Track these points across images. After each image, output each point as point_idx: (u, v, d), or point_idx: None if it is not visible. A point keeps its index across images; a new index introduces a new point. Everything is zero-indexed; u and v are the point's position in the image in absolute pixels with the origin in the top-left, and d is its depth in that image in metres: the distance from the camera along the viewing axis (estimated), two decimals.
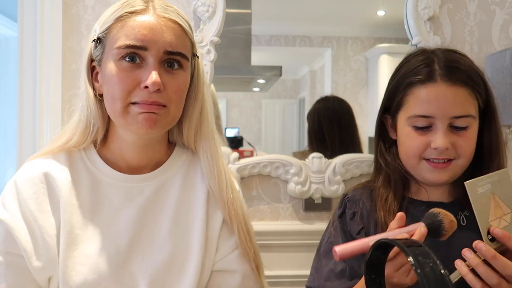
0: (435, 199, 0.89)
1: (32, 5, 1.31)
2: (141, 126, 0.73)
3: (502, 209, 0.67)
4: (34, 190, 0.76)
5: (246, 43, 1.47)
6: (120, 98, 0.73)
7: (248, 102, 1.62)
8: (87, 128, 0.79)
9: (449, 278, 0.48)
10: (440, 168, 0.83)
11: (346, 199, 0.95)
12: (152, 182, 0.81)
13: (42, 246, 0.74)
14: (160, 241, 0.79)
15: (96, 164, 0.81)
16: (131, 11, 0.74)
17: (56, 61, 1.30)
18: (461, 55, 0.88)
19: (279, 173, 1.37)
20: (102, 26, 0.76)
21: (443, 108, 0.81)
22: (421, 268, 0.49)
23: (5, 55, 2.69)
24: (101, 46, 0.76)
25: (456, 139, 0.82)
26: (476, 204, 0.65)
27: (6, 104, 2.65)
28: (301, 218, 1.39)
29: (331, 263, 0.90)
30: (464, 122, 0.82)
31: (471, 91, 0.82)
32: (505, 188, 0.68)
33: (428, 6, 1.36)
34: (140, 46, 0.72)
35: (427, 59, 0.86)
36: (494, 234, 0.65)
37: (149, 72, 0.72)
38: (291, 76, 1.63)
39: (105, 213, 0.78)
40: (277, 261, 1.34)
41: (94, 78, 0.79)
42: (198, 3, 1.31)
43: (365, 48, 1.55)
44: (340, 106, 1.51)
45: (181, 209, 0.82)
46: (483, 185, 0.67)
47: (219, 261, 0.83)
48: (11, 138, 2.44)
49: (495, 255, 0.62)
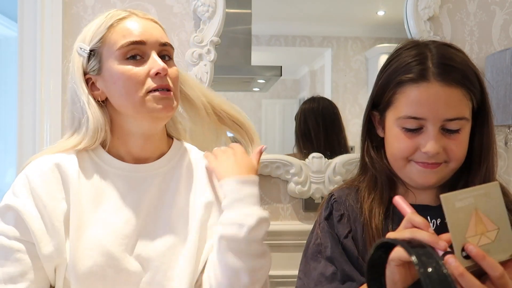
0: (422, 202, 0.85)
1: (32, 5, 1.31)
2: (161, 109, 0.82)
3: (485, 226, 0.61)
4: (43, 179, 0.80)
5: (246, 43, 1.47)
6: (137, 90, 0.81)
7: (248, 102, 1.62)
8: (94, 135, 0.84)
9: (451, 278, 0.48)
10: (430, 169, 0.78)
11: (332, 199, 0.89)
12: (156, 172, 0.88)
13: (51, 232, 0.77)
14: (163, 227, 0.85)
15: (102, 158, 0.87)
16: (120, 18, 0.84)
17: (56, 61, 1.30)
18: (456, 50, 0.82)
19: (279, 173, 1.38)
20: (93, 39, 0.84)
21: (436, 110, 0.75)
22: (424, 268, 0.49)
23: (5, 55, 2.69)
24: (97, 56, 0.84)
25: (448, 142, 0.77)
26: (451, 219, 0.59)
27: (6, 104, 2.65)
28: (301, 218, 1.39)
29: (320, 266, 0.85)
30: (457, 125, 0.76)
31: (466, 92, 0.77)
32: (492, 202, 0.62)
33: (428, 6, 1.36)
34: (139, 41, 0.82)
35: (419, 55, 0.80)
36: (468, 251, 0.59)
37: (153, 61, 0.82)
38: (291, 76, 1.63)
39: (111, 201, 0.84)
40: (277, 261, 1.33)
41: (93, 89, 0.86)
42: (198, 3, 1.31)
43: (365, 48, 1.55)
44: (325, 106, 1.51)
45: (182, 196, 0.88)
46: (464, 199, 0.61)
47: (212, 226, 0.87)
48: (11, 138, 2.44)
49: (462, 273, 0.57)
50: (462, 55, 0.81)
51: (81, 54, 0.86)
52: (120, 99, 0.84)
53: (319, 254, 0.86)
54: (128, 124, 0.86)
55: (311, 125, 1.50)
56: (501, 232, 0.61)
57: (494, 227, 0.61)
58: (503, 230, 0.62)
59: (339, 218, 0.87)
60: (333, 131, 1.50)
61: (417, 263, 0.51)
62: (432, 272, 0.49)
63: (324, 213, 0.89)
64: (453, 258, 0.58)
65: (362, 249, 0.83)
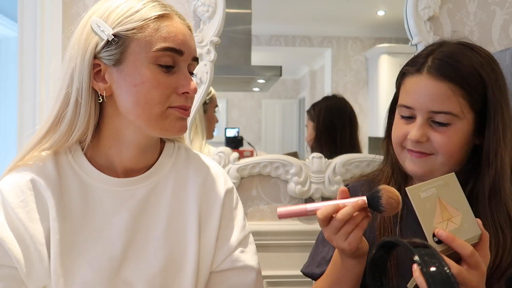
0: None
1: (32, 5, 1.31)
2: (177, 131, 0.76)
3: (450, 213, 0.68)
4: (21, 198, 0.73)
5: (246, 43, 1.47)
6: (160, 102, 0.72)
7: (248, 102, 1.62)
8: (70, 130, 0.74)
9: (454, 278, 0.48)
10: (415, 157, 0.82)
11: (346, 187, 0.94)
12: (144, 184, 0.79)
13: (35, 256, 0.71)
14: (155, 244, 0.77)
15: (84, 169, 0.77)
16: (161, 15, 0.73)
17: (56, 62, 1.30)
18: (473, 53, 0.83)
19: (279, 173, 1.38)
20: (121, 24, 0.71)
21: (422, 101, 0.80)
22: (427, 267, 0.49)
23: (5, 55, 2.69)
24: (121, 46, 0.71)
25: (433, 134, 0.80)
26: (419, 209, 0.66)
27: (6, 104, 2.64)
28: (301, 218, 1.39)
29: (325, 251, 0.92)
30: (444, 119, 0.79)
31: (456, 89, 0.78)
32: (451, 192, 0.69)
33: (428, 6, 1.36)
34: (179, 50, 0.73)
35: (429, 51, 0.84)
36: (439, 236, 0.65)
37: (184, 77, 0.75)
38: (291, 76, 1.63)
39: (96, 220, 0.75)
40: (277, 261, 1.34)
41: (96, 78, 0.73)
42: (198, 3, 1.31)
43: (365, 48, 1.55)
44: (346, 105, 1.52)
45: (175, 209, 0.80)
46: (427, 190, 0.67)
47: (224, 260, 0.82)
48: (11, 138, 2.44)
49: None
50: (477, 57, 0.82)
51: (98, 33, 0.72)
52: (134, 105, 0.73)
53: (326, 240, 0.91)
54: (127, 131, 0.76)
55: (337, 124, 1.50)
56: (464, 217, 0.68)
57: (458, 213, 0.68)
58: (465, 215, 0.69)
59: None
60: (356, 130, 1.50)
61: (419, 262, 0.51)
62: (435, 271, 0.49)
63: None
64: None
65: (372, 238, 0.86)
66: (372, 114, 1.55)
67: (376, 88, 1.56)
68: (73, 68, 0.72)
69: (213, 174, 0.86)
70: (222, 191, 0.84)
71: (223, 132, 1.56)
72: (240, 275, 0.82)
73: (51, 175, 0.75)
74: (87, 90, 0.72)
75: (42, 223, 0.73)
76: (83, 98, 0.72)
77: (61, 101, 0.74)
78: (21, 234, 0.71)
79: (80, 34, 0.74)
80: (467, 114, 0.80)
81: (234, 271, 0.82)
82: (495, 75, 0.82)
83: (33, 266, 0.71)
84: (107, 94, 0.74)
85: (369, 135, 1.55)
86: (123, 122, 0.76)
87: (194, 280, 0.77)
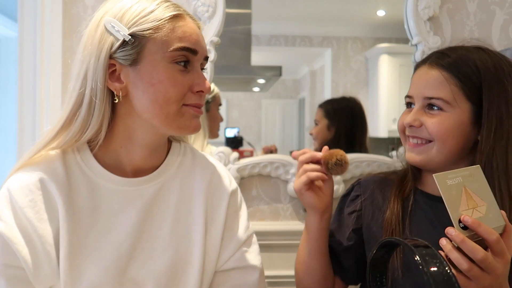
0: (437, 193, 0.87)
1: (32, 5, 1.31)
2: (193, 129, 0.77)
3: (475, 201, 0.70)
4: (30, 198, 0.72)
5: (246, 43, 1.47)
6: (176, 101, 0.74)
7: (248, 102, 1.62)
8: (82, 130, 0.74)
9: (455, 278, 0.48)
10: (412, 147, 0.87)
11: (357, 182, 1.01)
12: (151, 184, 0.80)
13: (43, 256, 0.71)
14: (161, 244, 0.78)
15: (92, 168, 0.78)
16: (175, 15, 0.74)
17: (56, 61, 1.30)
18: (472, 49, 0.86)
19: (279, 173, 1.38)
20: (136, 25, 0.72)
21: (418, 88, 0.86)
22: (428, 267, 0.49)
23: (5, 55, 2.69)
24: (137, 46, 0.72)
25: (426, 119, 0.84)
26: (446, 195, 0.68)
27: (6, 104, 2.64)
28: (301, 218, 1.39)
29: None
30: (436, 104, 0.84)
31: (449, 76, 0.83)
32: (477, 182, 0.71)
33: (428, 6, 1.36)
34: (193, 50, 0.75)
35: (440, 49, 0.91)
36: (465, 221, 0.66)
37: (198, 76, 0.77)
38: (291, 76, 1.63)
39: (104, 219, 0.76)
40: (277, 261, 1.34)
41: (111, 78, 0.73)
42: (198, 3, 1.31)
43: (365, 48, 1.55)
44: (362, 107, 1.54)
45: (181, 209, 0.81)
46: (453, 178, 0.70)
47: (228, 259, 0.83)
48: (11, 138, 2.44)
49: (464, 239, 0.65)
50: (482, 54, 0.85)
51: (113, 33, 0.71)
52: (152, 103, 0.73)
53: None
54: (139, 131, 0.77)
55: (356, 124, 1.51)
56: (489, 207, 0.70)
57: (483, 203, 0.70)
58: (490, 205, 0.71)
59: (354, 198, 0.98)
60: (366, 132, 1.52)
61: (420, 262, 0.51)
62: (435, 271, 0.49)
63: (345, 192, 1.03)
64: (452, 229, 0.66)
65: (376, 231, 0.91)
66: (372, 114, 1.55)
67: (376, 88, 1.56)
68: (87, 69, 0.72)
69: (219, 175, 0.87)
70: (227, 192, 0.85)
71: (223, 132, 1.56)
72: (243, 274, 0.83)
73: (60, 174, 0.75)
74: (102, 90, 0.72)
75: (51, 223, 0.73)
76: (98, 98, 0.72)
77: (73, 101, 0.74)
78: (29, 234, 0.71)
79: (93, 34, 0.73)
80: (461, 103, 0.83)
81: (237, 271, 0.83)
82: (498, 72, 0.83)
83: (41, 267, 0.71)
84: (123, 94, 0.74)
85: (369, 135, 1.55)
86: (135, 122, 0.76)
87: (199, 279, 0.77)
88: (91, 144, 0.79)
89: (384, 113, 1.56)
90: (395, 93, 1.56)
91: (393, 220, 0.88)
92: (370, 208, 0.93)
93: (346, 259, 0.96)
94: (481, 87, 0.82)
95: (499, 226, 0.70)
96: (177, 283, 0.77)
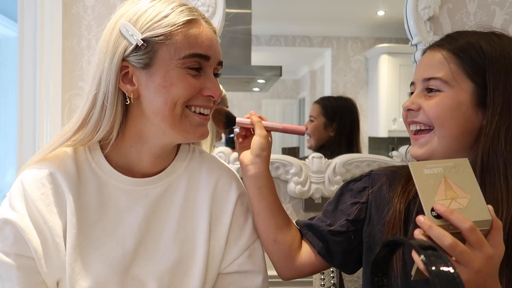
0: None
1: (32, 5, 1.31)
2: (199, 136, 0.78)
3: (455, 192, 0.67)
4: (42, 191, 0.75)
5: (246, 43, 1.47)
6: (182, 103, 0.75)
7: (248, 102, 1.63)
8: (94, 130, 0.76)
9: (460, 279, 0.48)
10: (414, 140, 0.83)
11: (368, 173, 0.95)
12: (158, 185, 0.81)
13: (52, 248, 0.73)
14: (165, 243, 0.79)
15: (102, 167, 0.79)
16: (189, 20, 0.74)
17: (56, 61, 1.30)
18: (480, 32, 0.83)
19: (279, 173, 1.38)
20: (150, 29, 0.73)
21: (419, 71, 0.83)
22: (433, 267, 0.49)
23: (5, 55, 2.69)
24: (151, 51, 0.73)
25: (424, 102, 0.80)
26: (419, 182, 0.66)
27: (6, 104, 2.65)
28: (301, 218, 1.39)
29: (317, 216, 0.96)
30: (434, 85, 0.80)
31: (449, 55, 0.79)
32: (461, 174, 0.68)
33: (428, 6, 1.36)
34: (205, 56, 0.75)
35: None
36: (437, 209, 0.64)
37: (210, 81, 0.77)
38: (291, 76, 1.63)
39: (111, 216, 0.77)
40: None
41: (124, 80, 0.75)
42: (198, 3, 1.31)
43: (365, 48, 1.55)
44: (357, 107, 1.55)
45: (186, 210, 0.82)
46: (432, 168, 0.68)
47: (232, 263, 0.83)
48: (11, 138, 2.44)
49: (431, 225, 0.62)
50: (490, 36, 0.81)
51: (127, 37, 0.73)
52: (162, 105, 0.74)
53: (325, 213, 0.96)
54: (150, 134, 0.78)
55: (355, 124, 1.51)
56: (473, 200, 0.66)
57: (465, 195, 0.67)
58: (475, 199, 0.67)
59: (361, 189, 0.93)
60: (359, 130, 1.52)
61: (425, 262, 0.51)
62: (440, 271, 0.49)
63: (353, 178, 0.96)
64: (422, 216, 0.63)
65: (377, 230, 0.87)
66: (372, 114, 1.56)
67: (376, 88, 1.56)
68: (102, 71, 0.74)
69: (226, 178, 0.87)
70: (233, 195, 0.86)
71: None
72: (247, 278, 0.83)
73: (71, 170, 0.77)
74: (114, 92, 0.74)
75: (60, 216, 0.74)
76: (109, 100, 0.73)
77: (89, 103, 0.75)
78: (40, 226, 0.73)
79: (108, 37, 0.75)
80: (462, 82, 0.78)
81: (241, 275, 0.83)
82: (505, 54, 0.78)
83: (50, 258, 0.73)
84: (135, 96, 0.75)
85: (369, 135, 1.55)
86: (146, 125, 0.77)
87: (202, 280, 0.78)
88: (103, 143, 0.80)
89: (384, 113, 1.56)
90: (395, 93, 1.56)
91: (396, 222, 0.85)
92: (375, 203, 0.91)
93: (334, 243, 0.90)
94: (485, 66, 0.78)
95: (483, 221, 0.66)
96: (180, 283, 0.77)
